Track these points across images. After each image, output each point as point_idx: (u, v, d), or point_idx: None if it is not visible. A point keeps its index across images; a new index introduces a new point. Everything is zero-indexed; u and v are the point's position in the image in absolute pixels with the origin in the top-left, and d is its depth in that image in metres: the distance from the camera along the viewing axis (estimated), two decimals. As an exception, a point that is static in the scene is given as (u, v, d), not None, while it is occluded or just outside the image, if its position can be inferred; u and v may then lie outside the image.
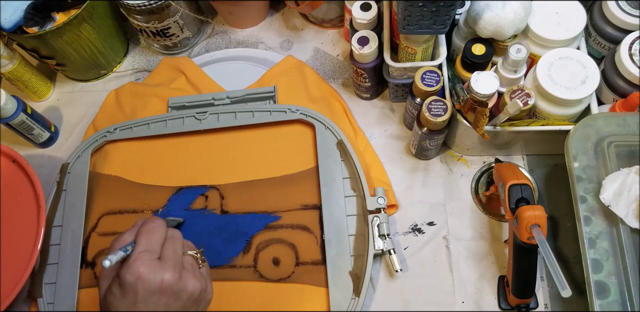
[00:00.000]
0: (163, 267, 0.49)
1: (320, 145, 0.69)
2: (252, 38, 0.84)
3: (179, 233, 0.55)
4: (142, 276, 0.48)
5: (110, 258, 0.47)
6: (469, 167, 0.71)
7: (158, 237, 0.52)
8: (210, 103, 0.74)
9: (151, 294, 0.48)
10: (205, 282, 0.53)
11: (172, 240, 0.53)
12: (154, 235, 0.52)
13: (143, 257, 0.49)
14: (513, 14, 0.60)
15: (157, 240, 0.52)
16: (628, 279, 0.53)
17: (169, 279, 0.49)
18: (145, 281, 0.48)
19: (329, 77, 0.79)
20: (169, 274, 0.49)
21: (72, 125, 0.79)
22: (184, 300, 0.50)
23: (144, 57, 0.84)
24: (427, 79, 0.62)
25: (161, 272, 0.49)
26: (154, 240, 0.51)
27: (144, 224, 0.53)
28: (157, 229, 0.52)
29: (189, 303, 0.51)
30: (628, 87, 0.62)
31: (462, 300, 0.64)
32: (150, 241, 0.51)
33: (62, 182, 0.71)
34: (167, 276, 0.49)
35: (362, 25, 0.68)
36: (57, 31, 0.70)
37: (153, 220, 0.54)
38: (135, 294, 0.48)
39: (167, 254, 0.51)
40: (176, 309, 0.50)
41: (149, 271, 0.48)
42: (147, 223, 0.53)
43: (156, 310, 0.49)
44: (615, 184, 0.55)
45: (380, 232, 0.64)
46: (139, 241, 0.51)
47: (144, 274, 0.48)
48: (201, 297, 0.52)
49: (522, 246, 0.56)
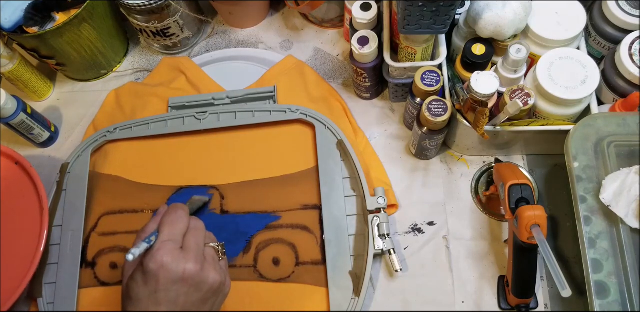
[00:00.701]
0: (185, 258, 0.50)
1: (320, 145, 0.69)
2: (252, 38, 0.84)
3: (201, 224, 0.55)
4: (164, 264, 0.49)
5: (133, 252, 0.48)
6: (469, 167, 0.71)
7: (181, 227, 0.53)
8: (210, 103, 0.74)
9: (172, 283, 0.49)
10: (224, 276, 0.53)
11: (194, 231, 0.53)
12: (177, 225, 0.52)
13: (166, 246, 0.50)
14: (513, 14, 0.60)
15: (180, 230, 0.52)
16: (628, 279, 0.53)
17: (191, 269, 0.49)
18: (167, 269, 0.49)
19: (329, 77, 0.79)
20: (191, 264, 0.50)
21: (72, 125, 0.79)
22: (204, 291, 0.51)
23: (144, 57, 0.84)
24: (427, 79, 0.62)
25: (184, 262, 0.49)
26: (176, 230, 0.52)
27: (167, 214, 0.54)
28: (180, 220, 0.53)
29: (208, 295, 0.51)
30: (628, 87, 0.62)
31: (462, 300, 0.64)
32: (173, 230, 0.52)
33: (62, 182, 0.71)
34: (189, 266, 0.49)
35: (362, 25, 0.68)
36: (57, 31, 0.70)
37: (176, 210, 0.54)
38: (157, 282, 0.49)
39: (190, 245, 0.52)
40: (196, 299, 0.50)
41: (171, 260, 0.49)
42: (170, 213, 0.54)
43: (176, 299, 0.49)
44: (615, 184, 0.55)
45: (380, 232, 0.64)
46: (162, 230, 0.52)
47: (167, 263, 0.49)
48: (220, 289, 0.52)
49: (522, 246, 0.56)
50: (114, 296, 0.65)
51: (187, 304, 0.50)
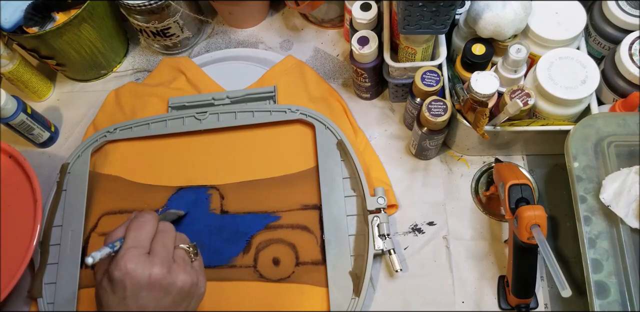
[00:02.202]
0: (151, 262, 0.49)
1: (320, 145, 0.69)
2: (252, 38, 0.84)
3: (170, 226, 0.54)
4: (129, 271, 0.48)
5: (93, 255, 0.47)
6: (469, 167, 0.71)
7: (147, 231, 0.52)
8: (210, 103, 0.74)
9: (140, 289, 0.48)
10: (196, 276, 0.52)
11: (162, 234, 0.52)
12: (143, 229, 0.51)
13: (130, 252, 0.49)
14: (513, 14, 0.60)
15: (147, 234, 0.51)
16: (628, 279, 0.53)
17: (157, 273, 0.48)
18: (133, 276, 0.48)
19: (329, 77, 0.79)
20: (157, 268, 0.49)
21: (72, 125, 0.79)
22: (174, 294, 0.50)
23: (144, 57, 0.84)
24: (427, 79, 0.62)
25: (149, 267, 0.48)
26: (142, 235, 0.51)
27: (133, 219, 0.53)
28: (146, 224, 0.52)
29: (179, 297, 0.50)
30: (628, 87, 0.62)
31: (462, 300, 0.64)
32: (139, 235, 0.51)
33: (62, 182, 0.71)
34: (155, 270, 0.48)
35: (362, 25, 0.68)
36: (57, 31, 0.70)
37: (143, 214, 0.53)
38: (124, 289, 0.48)
39: (157, 249, 0.51)
40: (167, 303, 0.50)
41: (136, 266, 0.48)
42: (136, 218, 0.53)
43: (146, 305, 0.48)
44: (615, 184, 0.55)
45: (380, 232, 0.64)
46: (128, 236, 0.51)
47: (132, 270, 0.48)
48: (192, 291, 0.51)
49: (522, 246, 0.56)
50: (114, 296, 0.65)
51: (158, 308, 0.49)
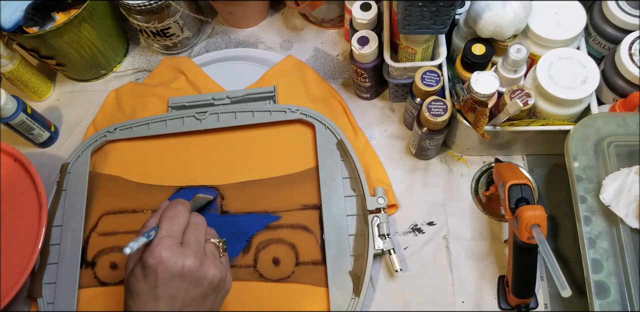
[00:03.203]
0: (185, 253, 0.50)
1: (320, 145, 0.69)
2: (252, 38, 0.84)
3: (202, 219, 0.55)
4: (163, 260, 0.48)
5: (131, 245, 0.48)
6: (469, 167, 0.71)
7: (180, 222, 0.52)
8: (210, 103, 0.74)
9: (171, 278, 0.49)
10: (225, 272, 0.53)
11: (195, 226, 0.53)
12: (176, 220, 0.52)
13: (165, 242, 0.50)
14: (513, 14, 0.60)
15: (179, 225, 0.52)
16: (628, 279, 0.53)
17: (190, 265, 0.49)
18: (166, 264, 0.49)
19: (329, 77, 0.79)
20: (190, 260, 0.50)
21: (72, 125, 0.79)
22: (204, 287, 0.51)
23: (144, 57, 0.84)
24: (427, 79, 0.62)
25: (183, 257, 0.49)
26: (175, 225, 0.52)
27: (167, 209, 0.54)
28: (179, 215, 0.53)
29: (208, 290, 0.51)
30: (628, 87, 0.62)
31: (462, 300, 0.64)
32: (172, 226, 0.52)
33: (62, 182, 0.71)
34: (188, 261, 0.49)
35: (362, 25, 0.68)
36: (57, 31, 0.70)
37: (176, 205, 0.54)
38: (156, 277, 0.49)
39: (190, 240, 0.51)
40: (196, 295, 0.50)
41: (170, 256, 0.49)
42: (170, 208, 0.54)
43: (176, 295, 0.49)
44: (615, 184, 0.55)
45: (380, 232, 0.64)
46: (162, 226, 0.52)
47: (165, 259, 0.49)
48: (220, 286, 0.52)
49: (522, 246, 0.56)
50: (114, 296, 0.65)
51: (186, 299, 0.50)
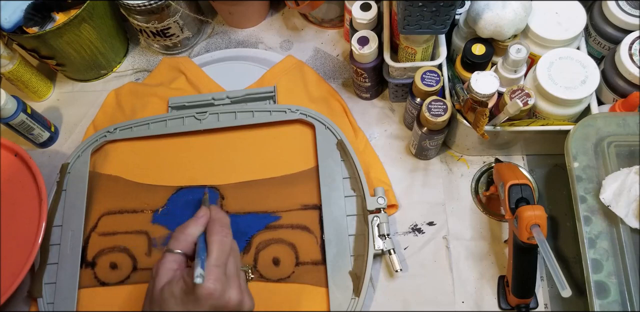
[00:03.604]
0: (230, 286, 0.50)
1: (320, 145, 0.69)
2: (252, 38, 0.84)
3: (237, 246, 0.55)
4: (213, 293, 0.48)
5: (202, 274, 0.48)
6: (469, 167, 0.71)
7: (227, 250, 0.52)
8: (210, 103, 0.74)
9: (214, 309, 0.49)
10: (252, 301, 0.53)
11: (234, 253, 0.53)
12: (225, 247, 0.52)
13: (216, 273, 0.49)
14: (513, 14, 0.60)
15: (226, 253, 0.51)
16: (628, 279, 0.53)
17: (234, 299, 0.50)
18: (215, 298, 0.48)
19: (329, 77, 0.79)
20: (234, 294, 0.50)
21: (72, 125, 0.79)
22: None
23: (144, 57, 0.84)
24: (427, 79, 0.62)
25: (229, 292, 0.49)
26: (224, 253, 0.51)
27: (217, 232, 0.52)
28: (227, 241, 0.52)
29: None
30: (628, 87, 0.62)
31: (462, 300, 0.64)
32: (222, 254, 0.51)
33: (62, 182, 0.71)
34: (233, 296, 0.49)
35: (362, 25, 0.68)
36: (57, 31, 0.70)
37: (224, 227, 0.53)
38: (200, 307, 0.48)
39: (232, 270, 0.51)
40: None
41: (220, 289, 0.49)
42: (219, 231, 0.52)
43: None
44: (615, 184, 0.55)
45: (380, 232, 0.64)
46: (212, 251, 0.51)
47: (216, 292, 0.48)
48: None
49: (522, 246, 0.56)
50: (114, 296, 0.65)
51: None
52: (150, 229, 0.68)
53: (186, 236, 0.53)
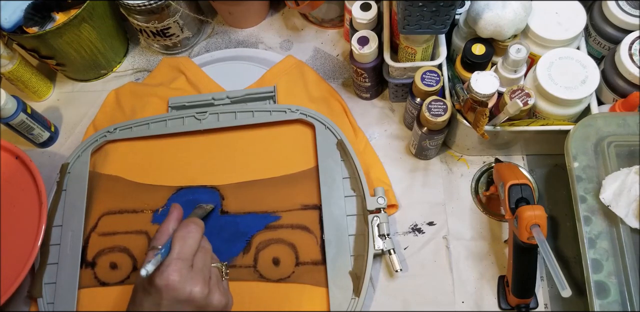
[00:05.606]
0: (194, 279, 0.50)
1: (320, 145, 0.69)
2: (252, 38, 0.84)
3: (209, 245, 0.56)
4: (171, 283, 0.49)
5: (148, 269, 0.48)
6: (469, 167, 0.71)
7: (192, 244, 0.53)
8: (210, 103, 0.74)
9: (177, 302, 0.49)
10: (228, 297, 0.54)
11: (204, 250, 0.54)
12: (189, 241, 0.52)
13: (176, 264, 0.50)
14: (513, 14, 0.60)
15: (191, 248, 0.52)
16: (628, 279, 0.53)
17: (197, 292, 0.50)
18: (174, 289, 0.49)
19: (329, 77, 0.79)
20: (198, 287, 0.50)
21: (72, 125, 0.80)
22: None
23: (144, 57, 0.84)
24: (427, 79, 0.62)
25: (191, 284, 0.50)
26: (188, 247, 0.52)
27: (181, 228, 0.54)
28: (192, 236, 0.53)
29: None
30: (628, 87, 0.62)
31: (462, 300, 0.64)
32: (184, 248, 0.52)
33: (62, 182, 0.71)
34: (196, 289, 0.50)
35: (362, 25, 0.68)
36: (57, 31, 0.70)
37: (189, 224, 0.54)
38: (161, 297, 0.49)
39: (199, 265, 0.52)
40: None
41: (179, 280, 0.49)
42: (183, 228, 0.54)
43: None
44: (615, 184, 0.55)
45: (380, 232, 0.64)
46: (174, 246, 0.52)
47: (174, 282, 0.49)
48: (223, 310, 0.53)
49: (522, 246, 0.56)
50: (114, 296, 0.65)
51: None
52: (151, 229, 0.68)
53: (162, 233, 0.55)
